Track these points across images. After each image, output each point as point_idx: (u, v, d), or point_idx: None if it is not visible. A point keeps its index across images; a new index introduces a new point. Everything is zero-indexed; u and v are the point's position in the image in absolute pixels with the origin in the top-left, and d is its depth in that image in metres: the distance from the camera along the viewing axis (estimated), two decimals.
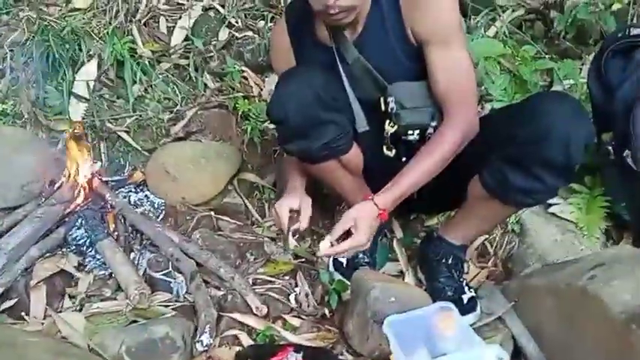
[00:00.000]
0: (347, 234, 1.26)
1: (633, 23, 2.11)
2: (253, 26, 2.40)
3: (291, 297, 1.54)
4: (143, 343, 1.32)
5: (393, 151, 1.43)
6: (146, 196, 1.85)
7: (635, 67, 1.55)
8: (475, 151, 1.31)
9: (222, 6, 2.45)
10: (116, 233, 1.69)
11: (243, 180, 1.95)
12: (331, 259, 1.63)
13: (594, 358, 1.11)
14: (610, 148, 1.62)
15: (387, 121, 1.39)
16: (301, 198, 1.39)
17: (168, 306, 1.49)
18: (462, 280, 1.50)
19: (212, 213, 1.82)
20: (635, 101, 1.52)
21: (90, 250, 1.65)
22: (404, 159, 1.38)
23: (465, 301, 1.44)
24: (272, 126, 2.03)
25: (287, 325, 1.45)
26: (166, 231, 1.65)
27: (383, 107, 1.37)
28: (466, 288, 1.48)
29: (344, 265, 1.59)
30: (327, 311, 1.50)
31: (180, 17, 2.38)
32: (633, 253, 1.23)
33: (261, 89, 2.17)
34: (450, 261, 1.50)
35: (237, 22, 2.39)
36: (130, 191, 1.87)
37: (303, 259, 1.67)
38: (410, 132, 1.37)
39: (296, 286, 1.59)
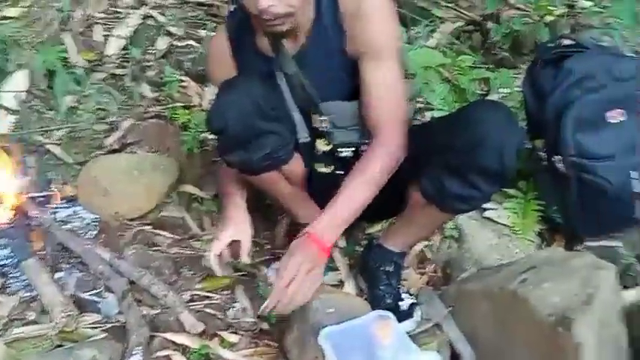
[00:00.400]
0: None
1: (564, 34, 2.19)
2: (194, 35, 2.37)
3: (229, 312, 1.50)
4: None
5: (331, 167, 1.44)
6: (76, 211, 1.76)
7: (565, 76, 1.60)
8: (415, 159, 1.32)
9: (162, 14, 2.40)
10: (43, 252, 1.60)
11: (182, 192, 1.89)
12: (271, 270, 1.60)
13: None
14: (542, 153, 1.66)
15: (321, 139, 1.40)
16: (240, 230, 1.37)
17: (98, 327, 1.42)
18: (400, 287, 1.50)
19: (148, 227, 1.75)
20: (565, 108, 1.57)
21: (14, 270, 1.55)
22: (342, 172, 1.38)
23: (404, 308, 1.43)
24: (212, 136, 1.99)
25: (224, 342, 1.40)
26: (96, 248, 1.58)
27: (316, 124, 1.38)
28: (405, 295, 1.47)
29: None
30: (266, 325, 1.46)
31: (117, 26, 2.32)
32: (564, 256, 1.25)
33: (202, 99, 2.13)
34: (389, 268, 1.49)
35: (177, 31, 2.35)
36: (60, 207, 1.78)
37: (243, 273, 1.62)
38: (342, 150, 1.39)
39: (235, 301, 1.54)
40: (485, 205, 1.63)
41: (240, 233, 1.36)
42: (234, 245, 1.36)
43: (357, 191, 1.26)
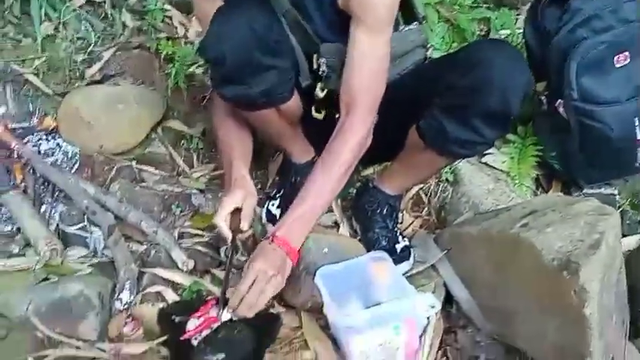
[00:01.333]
0: None
1: None
2: None
3: (221, 250, 1.46)
4: (54, 302, 1.21)
5: (324, 112, 1.37)
6: (58, 144, 1.68)
7: (570, 16, 1.54)
8: (415, 100, 1.26)
9: None
10: (24, 185, 1.53)
11: (168, 128, 1.81)
12: (264, 210, 1.57)
13: (525, 305, 1.11)
14: (543, 97, 1.62)
15: (318, 84, 1.32)
16: (245, 193, 1.26)
17: (85, 262, 1.38)
18: (396, 229, 1.48)
19: (133, 163, 1.68)
20: (570, 50, 1.52)
21: None
22: (336, 117, 1.30)
23: (399, 251, 1.42)
24: (199, 70, 1.90)
25: (215, 280, 1.37)
26: (81, 182, 1.51)
27: (315, 66, 1.29)
28: (400, 237, 1.46)
29: (277, 217, 1.53)
30: None
31: None
32: (564, 201, 1.23)
33: (187, 30, 2.01)
34: (384, 211, 1.46)
35: None
36: (41, 139, 1.69)
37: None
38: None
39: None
40: None
41: (245, 201, 1.26)
42: (234, 216, 1.26)
43: (327, 183, 1.20)
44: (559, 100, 1.55)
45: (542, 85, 1.63)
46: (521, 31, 1.85)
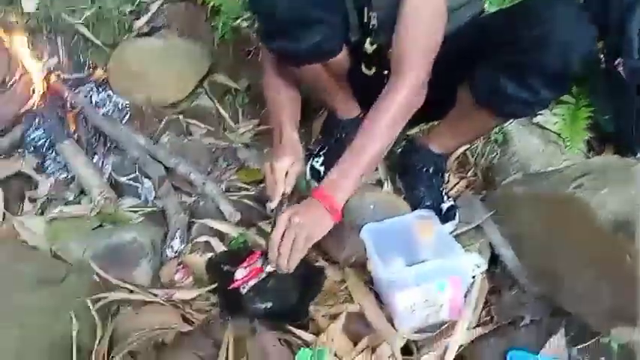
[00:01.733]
0: None
1: None
2: None
3: (267, 204, 1.48)
4: (109, 248, 1.26)
5: (374, 69, 1.34)
6: (109, 95, 1.71)
7: None
8: (469, 56, 1.21)
9: None
10: (77, 135, 1.57)
11: (214, 82, 1.82)
12: (308, 166, 1.57)
13: (578, 266, 1.09)
14: (601, 57, 1.55)
15: (368, 39, 1.28)
16: (294, 158, 1.26)
17: (137, 211, 1.42)
18: (441, 189, 1.46)
19: (181, 116, 1.71)
20: (633, 7, 1.44)
21: (50, 151, 1.54)
22: (385, 73, 1.28)
23: (444, 210, 1.40)
24: (245, 24, 1.89)
25: (260, 232, 1.40)
26: (132, 133, 1.55)
27: (365, 20, 1.25)
28: (445, 197, 1.44)
29: (321, 174, 1.53)
30: None
31: None
32: (619, 163, 1.19)
33: None
34: (430, 170, 1.45)
35: None
36: (92, 90, 1.73)
37: None
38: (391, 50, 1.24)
39: None
40: None
41: (292, 166, 1.27)
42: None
43: (374, 141, 1.16)
44: (618, 60, 1.48)
45: (601, 44, 1.56)
46: None
